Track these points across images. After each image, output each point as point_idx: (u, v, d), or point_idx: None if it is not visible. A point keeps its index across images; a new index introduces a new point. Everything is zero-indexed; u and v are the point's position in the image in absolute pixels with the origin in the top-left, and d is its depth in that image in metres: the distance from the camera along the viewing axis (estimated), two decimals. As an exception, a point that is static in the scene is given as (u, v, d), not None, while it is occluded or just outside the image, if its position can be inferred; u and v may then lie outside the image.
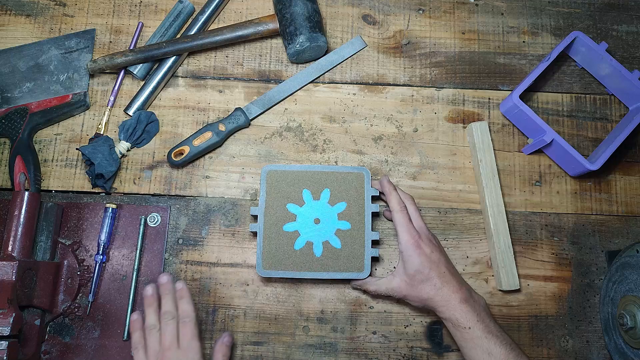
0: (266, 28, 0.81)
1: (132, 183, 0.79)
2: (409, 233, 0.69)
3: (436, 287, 0.67)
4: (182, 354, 0.64)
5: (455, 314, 0.66)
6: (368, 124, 0.82)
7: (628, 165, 0.82)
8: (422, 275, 0.68)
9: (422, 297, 0.68)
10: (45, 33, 0.84)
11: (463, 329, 0.66)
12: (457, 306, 0.66)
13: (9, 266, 0.66)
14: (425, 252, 0.69)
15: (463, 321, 0.66)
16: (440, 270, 0.68)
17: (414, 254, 0.68)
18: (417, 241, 0.69)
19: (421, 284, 0.68)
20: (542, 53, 0.86)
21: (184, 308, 0.66)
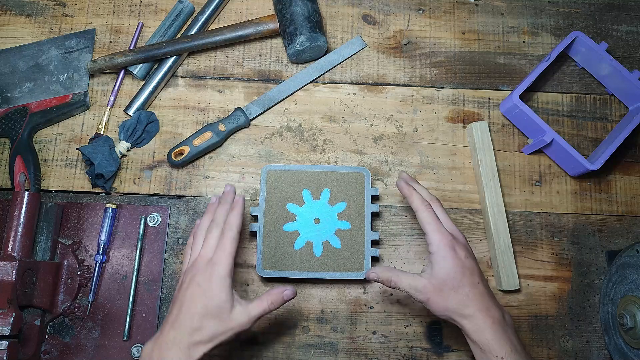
0: (266, 28, 0.81)
1: (132, 183, 0.79)
2: (441, 232, 0.62)
3: (467, 298, 0.59)
4: (210, 267, 0.58)
5: (486, 336, 0.58)
6: (368, 124, 0.82)
7: (628, 165, 0.82)
8: (453, 281, 0.60)
9: (449, 306, 0.60)
10: (45, 33, 0.84)
11: (494, 358, 0.58)
12: (489, 329, 0.58)
13: (9, 266, 0.66)
14: (460, 256, 0.61)
15: (495, 348, 0.58)
16: (473, 280, 0.60)
17: (447, 256, 0.61)
18: (452, 242, 0.61)
19: (450, 292, 0.60)
20: (542, 53, 0.86)
21: (229, 220, 0.60)
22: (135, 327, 0.73)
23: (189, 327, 0.56)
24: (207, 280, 0.57)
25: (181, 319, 0.57)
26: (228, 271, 0.58)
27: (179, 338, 0.56)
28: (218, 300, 0.57)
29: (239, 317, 0.58)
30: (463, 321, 0.60)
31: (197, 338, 0.56)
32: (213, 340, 0.57)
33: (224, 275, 0.57)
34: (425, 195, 0.67)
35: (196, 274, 0.58)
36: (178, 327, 0.56)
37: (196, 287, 0.58)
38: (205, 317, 0.56)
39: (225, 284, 0.57)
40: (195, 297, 0.57)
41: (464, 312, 0.60)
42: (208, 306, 0.57)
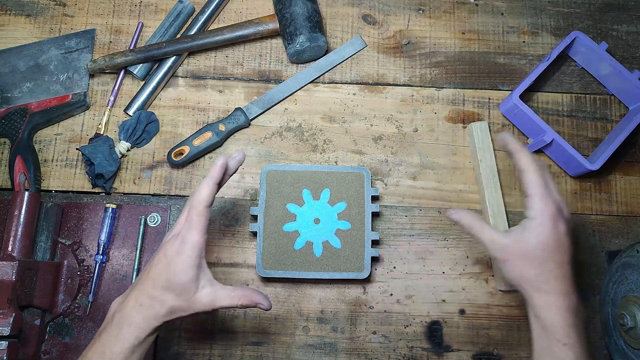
0: (266, 28, 0.81)
1: (132, 183, 0.79)
2: (547, 200, 0.57)
3: (550, 275, 0.56)
4: (178, 242, 0.56)
5: (556, 318, 0.55)
6: (368, 124, 0.82)
7: (628, 165, 0.82)
8: (543, 253, 0.56)
9: (526, 275, 0.56)
10: (45, 33, 0.84)
11: (557, 341, 0.55)
12: (561, 311, 0.55)
13: (9, 266, 0.66)
14: (560, 230, 0.57)
15: (561, 333, 0.55)
16: (564, 258, 0.57)
17: (546, 226, 0.56)
18: (556, 214, 0.57)
19: (534, 262, 0.56)
20: (542, 53, 0.86)
21: (197, 193, 0.57)
22: (135, 327, 0.73)
23: (151, 297, 0.56)
24: (174, 254, 0.56)
25: (146, 286, 0.56)
26: (195, 249, 0.55)
27: (140, 300, 0.56)
28: (182, 277, 0.55)
29: (204, 299, 0.56)
30: (536, 295, 0.56)
31: (157, 307, 0.55)
32: (172, 313, 0.56)
33: (189, 254, 0.55)
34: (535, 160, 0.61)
35: (167, 246, 0.57)
36: (142, 294, 0.56)
37: (163, 258, 0.56)
38: (167, 291, 0.55)
39: (190, 262, 0.55)
40: (161, 269, 0.56)
41: (542, 286, 0.56)
42: (171, 281, 0.55)
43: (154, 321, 0.55)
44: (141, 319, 0.55)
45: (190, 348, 0.74)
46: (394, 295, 0.76)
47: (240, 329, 0.75)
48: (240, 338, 0.74)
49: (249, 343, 0.74)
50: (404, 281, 0.77)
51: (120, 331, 0.55)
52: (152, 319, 0.55)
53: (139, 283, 0.57)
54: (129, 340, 0.54)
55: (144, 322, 0.55)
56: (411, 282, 0.77)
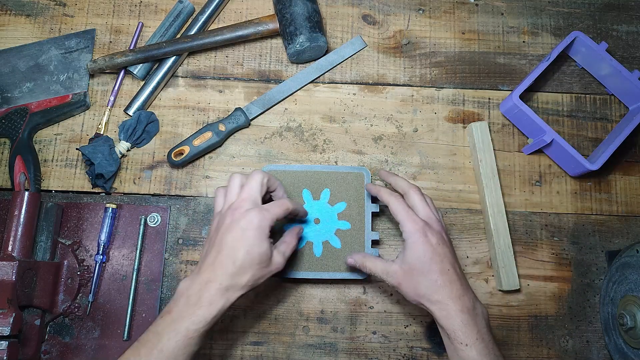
0: (266, 28, 0.81)
1: (132, 183, 0.79)
2: (412, 219, 0.62)
3: (436, 285, 0.60)
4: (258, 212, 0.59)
5: (454, 324, 0.59)
6: (368, 124, 0.82)
7: (628, 165, 0.82)
8: (422, 266, 0.60)
9: (418, 291, 0.61)
10: (45, 33, 0.84)
11: (459, 345, 0.58)
12: (457, 315, 0.59)
13: (9, 266, 0.66)
14: (431, 242, 0.61)
15: (460, 335, 0.58)
16: (444, 266, 0.61)
17: (417, 241, 0.61)
18: (423, 229, 0.61)
19: (420, 276, 0.60)
20: (542, 53, 0.86)
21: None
22: (135, 327, 0.73)
23: (230, 271, 0.57)
24: (250, 226, 0.58)
25: (222, 261, 0.58)
26: (273, 219, 0.60)
27: (218, 280, 0.57)
28: (260, 248, 0.58)
29: (277, 260, 0.61)
30: (432, 307, 0.60)
31: (237, 282, 0.58)
32: (252, 284, 0.59)
33: (267, 224, 0.59)
34: (403, 185, 0.68)
35: (240, 218, 0.59)
36: (219, 269, 0.58)
37: (239, 231, 0.58)
38: (248, 263, 0.58)
39: (267, 232, 0.59)
40: (238, 242, 0.58)
41: (432, 297, 0.60)
42: (251, 253, 0.58)
43: (232, 296, 0.58)
44: (220, 297, 0.57)
45: (190, 348, 0.74)
46: (394, 295, 0.76)
47: (240, 329, 0.75)
48: (240, 338, 0.74)
49: (249, 343, 0.74)
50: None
51: (198, 311, 0.56)
52: (232, 295, 0.58)
53: (212, 264, 0.58)
54: (205, 320, 0.56)
55: (222, 300, 0.57)
56: (411, 282, 0.76)
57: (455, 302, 0.59)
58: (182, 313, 0.57)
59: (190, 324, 0.56)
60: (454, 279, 0.61)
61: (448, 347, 0.61)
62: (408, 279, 0.62)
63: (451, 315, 0.59)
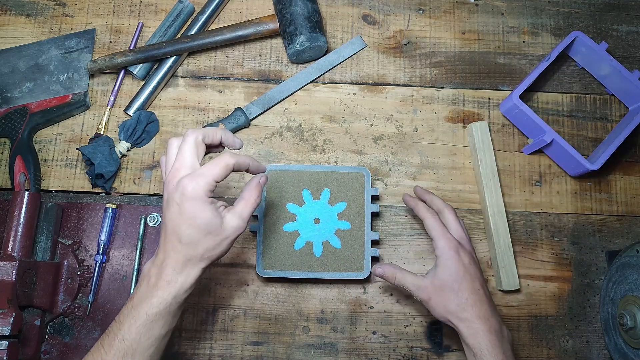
0: (266, 28, 0.81)
1: (132, 183, 0.79)
2: (446, 237, 0.65)
3: (466, 303, 0.62)
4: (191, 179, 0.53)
5: (481, 343, 0.60)
6: (368, 124, 0.82)
7: (628, 165, 0.82)
8: (454, 284, 0.62)
9: (448, 308, 0.62)
10: (45, 33, 0.84)
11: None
12: (485, 335, 0.60)
13: (9, 266, 0.66)
14: (464, 262, 0.64)
15: (487, 355, 0.59)
16: (474, 285, 0.63)
17: (450, 259, 0.63)
18: (457, 247, 0.64)
19: (450, 294, 0.62)
20: (542, 53, 0.86)
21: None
22: (135, 327, 0.73)
23: (179, 248, 0.54)
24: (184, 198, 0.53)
25: (170, 240, 0.54)
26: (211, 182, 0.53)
27: (171, 258, 0.54)
28: (202, 218, 0.53)
29: (232, 223, 0.55)
30: (460, 324, 0.62)
31: (191, 257, 0.54)
32: (211, 254, 0.55)
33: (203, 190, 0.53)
34: (439, 203, 0.70)
35: (173, 192, 0.54)
36: (170, 248, 0.55)
37: (175, 206, 0.54)
38: (195, 237, 0.54)
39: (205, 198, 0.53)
40: (177, 217, 0.54)
41: (461, 315, 0.62)
42: (193, 225, 0.53)
43: (192, 272, 0.55)
44: (177, 275, 0.54)
45: (190, 348, 0.74)
46: (394, 295, 0.76)
47: (240, 329, 0.75)
48: (240, 338, 0.74)
49: (249, 343, 0.74)
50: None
51: (157, 292, 0.54)
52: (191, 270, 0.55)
53: (164, 243, 0.55)
54: (165, 300, 0.54)
55: (181, 277, 0.54)
56: (411, 282, 0.76)
57: (483, 322, 0.61)
58: (141, 297, 0.54)
59: (149, 308, 0.53)
60: (484, 300, 0.62)
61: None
62: (438, 294, 0.63)
63: (479, 335, 0.60)
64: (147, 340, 0.54)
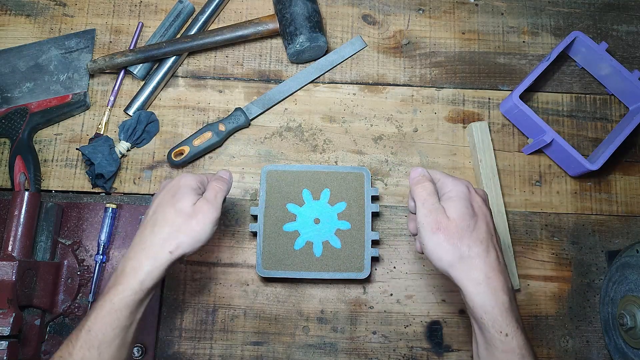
0: (266, 28, 0.81)
1: (132, 183, 0.79)
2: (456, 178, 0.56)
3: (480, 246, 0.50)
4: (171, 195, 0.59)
5: (495, 307, 0.48)
6: (368, 124, 0.82)
7: (628, 165, 0.82)
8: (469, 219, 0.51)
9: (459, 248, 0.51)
10: (45, 33, 0.84)
11: (498, 334, 0.48)
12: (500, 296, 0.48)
13: (9, 266, 0.66)
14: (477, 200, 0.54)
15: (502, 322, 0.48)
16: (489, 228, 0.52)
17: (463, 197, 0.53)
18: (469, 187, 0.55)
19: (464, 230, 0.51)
20: (542, 53, 0.86)
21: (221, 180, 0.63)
22: (135, 327, 0.73)
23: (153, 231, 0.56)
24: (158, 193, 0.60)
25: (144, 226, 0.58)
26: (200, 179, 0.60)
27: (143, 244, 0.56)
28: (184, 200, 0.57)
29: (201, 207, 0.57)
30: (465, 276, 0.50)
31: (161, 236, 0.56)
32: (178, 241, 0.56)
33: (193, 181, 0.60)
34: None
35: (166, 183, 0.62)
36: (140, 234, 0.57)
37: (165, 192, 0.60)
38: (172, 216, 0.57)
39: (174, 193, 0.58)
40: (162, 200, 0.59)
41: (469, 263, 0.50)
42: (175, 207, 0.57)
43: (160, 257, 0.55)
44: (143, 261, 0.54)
45: (190, 348, 0.74)
46: (394, 295, 0.76)
47: (240, 329, 0.75)
48: (240, 338, 0.74)
49: (249, 343, 0.74)
50: (404, 281, 0.77)
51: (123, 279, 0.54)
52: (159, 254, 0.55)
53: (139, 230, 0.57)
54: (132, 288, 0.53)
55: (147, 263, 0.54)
56: (411, 282, 0.77)
57: (498, 277, 0.49)
58: (109, 287, 0.54)
59: (114, 295, 0.53)
60: (497, 248, 0.52)
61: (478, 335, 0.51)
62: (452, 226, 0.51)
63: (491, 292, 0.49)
64: (113, 331, 0.52)
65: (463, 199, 0.53)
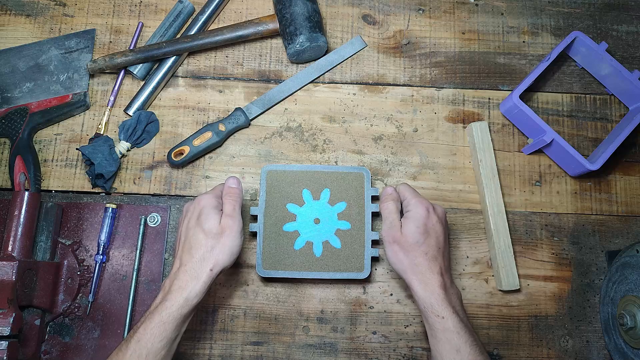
0: (266, 28, 0.81)
1: (132, 183, 0.79)
2: (419, 198, 0.68)
3: (425, 257, 0.64)
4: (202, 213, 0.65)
5: (432, 298, 0.62)
6: (368, 124, 0.82)
7: (628, 165, 0.82)
8: (420, 236, 0.64)
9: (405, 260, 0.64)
10: (45, 33, 0.84)
11: (436, 317, 0.61)
12: (436, 290, 0.62)
13: (9, 266, 0.66)
14: (432, 219, 0.66)
15: (438, 308, 0.61)
16: (438, 242, 0.65)
17: (420, 216, 0.65)
18: (428, 207, 0.66)
19: (414, 245, 0.64)
20: (542, 53, 0.86)
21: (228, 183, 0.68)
22: (135, 327, 0.73)
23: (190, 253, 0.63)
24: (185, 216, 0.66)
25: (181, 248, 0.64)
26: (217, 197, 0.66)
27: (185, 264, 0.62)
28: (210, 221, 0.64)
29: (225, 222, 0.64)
30: (415, 279, 0.64)
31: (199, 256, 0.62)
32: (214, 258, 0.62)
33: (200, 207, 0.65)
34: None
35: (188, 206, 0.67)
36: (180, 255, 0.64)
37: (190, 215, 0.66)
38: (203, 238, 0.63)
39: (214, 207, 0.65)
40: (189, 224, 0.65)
41: (418, 268, 0.64)
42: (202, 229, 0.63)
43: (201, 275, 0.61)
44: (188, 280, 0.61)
45: (190, 348, 0.74)
46: (394, 295, 0.76)
47: (240, 329, 0.75)
48: (240, 338, 0.74)
49: (249, 343, 0.74)
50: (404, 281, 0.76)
51: (169, 295, 0.60)
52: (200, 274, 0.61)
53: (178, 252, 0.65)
54: (179, 303, 0.60)
55: (192, 282, 0.61)
56: (411, 282, 0.76)
57: (436, 277, 0.63)
58: (157, 303, 0.61)
59: (162, 310, 0.59)
60: (439, 258, 0.65)
61: (426, 320, 0.63)
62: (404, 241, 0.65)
63: (430, 288, 0.63)
64: (160, 342, 0.58)
65: (417, 219, 0.65)
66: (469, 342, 0.60)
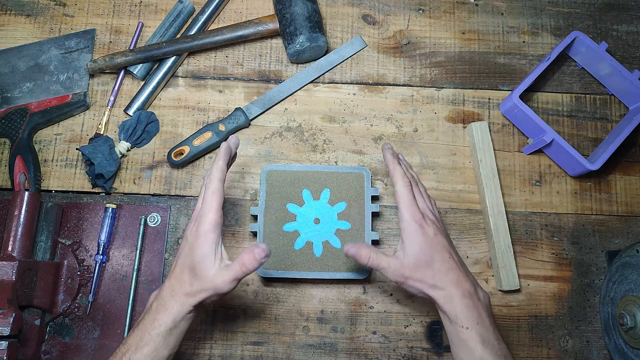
0: (266, 28, 0.81)
1: (132, 183, 0.79)
2: (412, 210, 0.62)
3: (440, 272, 0.61)
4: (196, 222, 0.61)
5: (455, 308, 0.59)
6: (368, 124, 0.82)
7: (628, 165, 0.82)
8: (425, 257, 0.61)
9: (424, 281, 0.61)
10: (45, 33, 0.84)
11: (460, 328, 0.59)
12: (459, 300, 0.59)
13: (9, 266, 0.66)
14: (429, 233, 0.62)
15: (462, 319, 0.59)
16: (443, 255, 0.61)
17: (415, 233, 0.61)
18: (420, 220, 0.62)
19: (424, 268, 0.61)
20: (542, 53, 0.86)
21: (210, 173, 0.62)
22: (135, 327, 0.73)
23: (180, 279, 0.60)
24: (193, 235, 0.60)
25: (176, 273, 0.61)
26: (211, 226, 0.59)
27: (172, 289, 0.60)
28: (199, 255, 0.59)
29: (218, 277, 0.59)
30: (435, 293, 0.61)
31: (187, 289, 0.59)
32: (197, 295, 0.59)
33: (205, 231, 0.59)
34: (415, 175, 0.69)
35: (187, 232, 0.62)
36: (174, 281, 0.61)
37: (185, 242, 0.62)
38: (191, 274, 0.59)
39: (207, 238, 0.59)
40: (185, 254, 0.61)
41: (437, 284, 0.61)
42: (194, 264, 0.59)
43: (185, 304, 0.59)
44: (174, 304, 0.59)
45: (190, 348, 0.74)
46: (394, 295, 0.76)
47: (240, 329, 0.75)
48: (240, 338, 0.74)
49: (249, 343, 0.74)
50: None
51: (157, 316, 0.59)
52: (184, 303, 0.59)
53: (171, 272, 0.62)
54: (165, 324, 0.59)
55: (177, 306, 0.59)
56: (411, 282, 0.76)
57: (456, 287, 0.60)
58: (146, 323, 0.59)
59: (152, 329, 0.59)
60: (454, 266, 0.62)
61: (448, 330, 0.61)
62: (413, 273, 0.61)
63: (453, 300, 0.60)
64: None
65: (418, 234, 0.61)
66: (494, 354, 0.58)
